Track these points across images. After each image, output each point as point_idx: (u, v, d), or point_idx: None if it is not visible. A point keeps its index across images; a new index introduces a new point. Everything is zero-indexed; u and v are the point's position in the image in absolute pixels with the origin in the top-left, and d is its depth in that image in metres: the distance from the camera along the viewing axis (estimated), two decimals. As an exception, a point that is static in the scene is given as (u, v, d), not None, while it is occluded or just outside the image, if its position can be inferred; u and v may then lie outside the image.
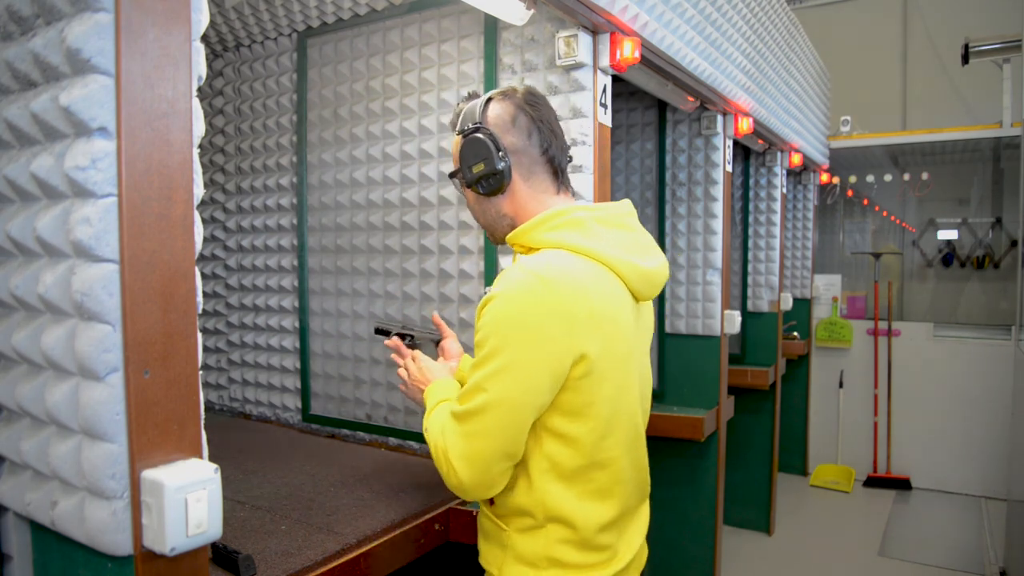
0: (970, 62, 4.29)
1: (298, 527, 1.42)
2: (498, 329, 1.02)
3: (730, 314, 2.80)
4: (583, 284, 1.05)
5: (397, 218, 2.09)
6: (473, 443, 1.04)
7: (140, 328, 0.84)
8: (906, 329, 4.71)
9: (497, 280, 1.07)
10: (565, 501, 1.09)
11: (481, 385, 1.03)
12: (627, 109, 3.01)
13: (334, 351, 2.27)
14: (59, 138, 0.86)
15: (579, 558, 1.10)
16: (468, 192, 1.21)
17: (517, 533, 1.12)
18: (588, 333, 1.04)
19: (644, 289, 1.16)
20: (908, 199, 5.43)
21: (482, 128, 1.15)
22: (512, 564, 1.12)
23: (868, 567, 3.47)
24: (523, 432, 1.05)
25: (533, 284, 1.02)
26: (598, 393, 1.07)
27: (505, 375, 1.01)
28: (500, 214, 1.19)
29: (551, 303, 1.01)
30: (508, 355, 1.01)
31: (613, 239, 1.13)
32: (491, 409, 1.02)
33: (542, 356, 1.01)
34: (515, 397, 1.02)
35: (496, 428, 1.03)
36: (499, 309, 1.03)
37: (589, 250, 1.09)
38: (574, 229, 1.10)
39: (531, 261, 1.06)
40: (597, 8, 1.57)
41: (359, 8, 2.07)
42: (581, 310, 1.03)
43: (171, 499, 0.82)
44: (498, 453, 1.04)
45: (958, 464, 4.49)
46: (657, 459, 2.92)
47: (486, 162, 1.14)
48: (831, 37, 5.27)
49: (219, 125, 2.57)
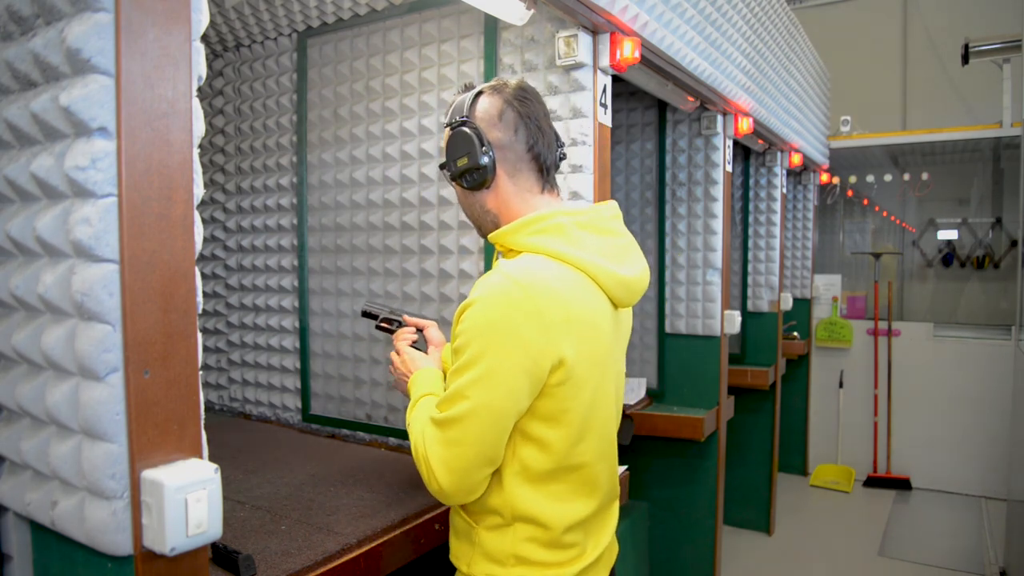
0: (970, 62, 4.29)
1: (298, 527, 1.42)
2: (478, 335, 1.02)
3: (730, 314, 2.80)
4: (560, 290, 1.05)
5: (397, 218, 2.09)
6: (454, 450, 1.04)
7: (140, 328, 0.84)
8: (906, 329, 4.71)
9: (476, 285, 1.07)
10: (534, 503, 1.09)
11: (462, 392, 1.03)
12: (627, 109, 3.01)
13: (334, 351, 2.27)
14: (59, 138, 0.86)
15: (546, 556, 1.11)
16: (455, 185, 1.21)
17: (485, 531, 1.13)
18: (565, 338, 1.04)
19: (623, 296, 1.16)
20: (908, 199, 5.43)
21: (468, 122, 1.15)
22: (480, 561, 1.13)
23: (868, 567, 3.47)
24: (504, 437, 1.05)
25: (510, 289, 1.02)
26: (574, 400, 1.08)
27: (486, 381, 1.01)
28: (484, 209, 1.19)
29: (528, 308, 1.01)
30: (488, 362, 1.01)
31: (594, 245, 1.12)
32: (472, 416, 1.02)
33: (521, 361, 1.01)
34: (495, 404, 1.02)
35: (477, 435, 1.03)
36: (478, 314, 1.03)
37: (568, 256, 1.09)
38: (555, 235, 1.10)
39: (509, 266, 1.06)
40: (597, 8, 1.57)
41: (359, 8, 2.07)
42: (558, 315, 1.03)
43: (171, 499, 0.82)
44: (479, 459, 1.04)
45: (958, 464, 4.49)
46: (657, 459, 2.96)
47: (469, 156, 1.14)
48: (831, 37, 5.27)
49: (219, 125, 2.57)
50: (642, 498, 2.88)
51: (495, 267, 1.09)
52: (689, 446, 2.81)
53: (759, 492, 3.87)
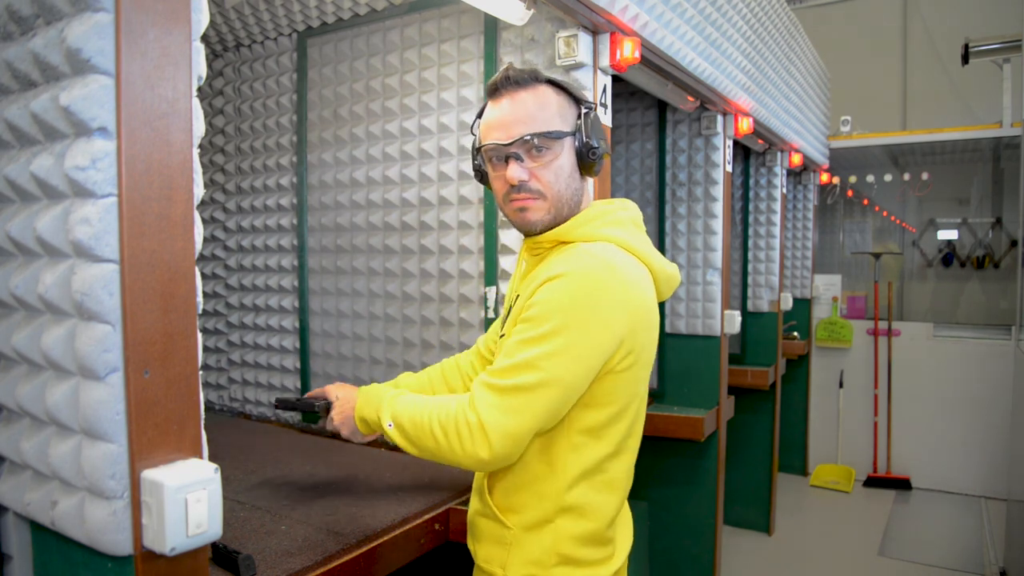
0: (970, 62, 4.29)
1: (298, 527, 1.42)
2: (561, 308, 1.02)
3: (730, 314, 2.80)
4: (639, 278, 1.08)
5: (397, 218, 2.09)
6: (516, 418, 1.02)
7: (140, 328, 0.83)
8: (906, 329, 4.71)
9: (558, 261, 1.07)
10: (583, 493, 1.09)
11: (534, 364, 1.01)
12: (627, 109, 3.01)
13: (334, 351, 2.27)
14: (59, 138, 0.86)
15: (588, 553, 1.11)
16: (566, 158, 1.13)
17: (523, 531, 1.11)
18: (639, 324, 1.07)
19: (666, 291, 1.20)
20: (908, 199, 5.43)
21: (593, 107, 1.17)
22: (517, 563, 1.11)
23: (868, 567, 3.47)
24: (564, 412, 1.06)
25: (600, 270, 1.03)
26: (636, 385, 1.11)
27: (563, 357, 1.01)
28: (576, 198, 1.16)
29: (616, 290, 1.03)
30: (568, 337, 1.01)
31: (645, 241, 1.16)
32: (543, 388, 1.01)
33: (600, 342, 1.02)
34: (569, 380, 1.02)
35: (543, 407, 1.02)
36: (564, 288, 1.02)
37: (636, 249, 1.12)
38: (621, 227, 1.13)
39: (595, 248, 1.07)
40: (597, 8, 1.57)
41: (359, 8, 2.07)
42: (636, 301, 1.06)
43: (171, 499, 0.82)
44: (535, 430, 1.04)
45: (958, 464, 4.49)
46: (657, 459, 2.96)
47: (604, 144, 1.15)
48: (831, 37, 5.27)
49: (219, 125, 2.57)
50: (642, 498, 2.88)
51: (574, 248, 1.08)
52: (689, 446, 2.81)
53: (759, 492, 3.87)
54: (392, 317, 2.12)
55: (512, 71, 1.13)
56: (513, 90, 1.12)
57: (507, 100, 1.12)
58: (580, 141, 1.13)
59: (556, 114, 1.12)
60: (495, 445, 1.02)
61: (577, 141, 1.13)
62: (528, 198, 1.12)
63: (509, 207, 1.15)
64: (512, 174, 1.11)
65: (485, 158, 1.17)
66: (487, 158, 1.16)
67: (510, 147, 1.11)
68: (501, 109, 1.13)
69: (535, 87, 1.12)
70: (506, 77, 1.12)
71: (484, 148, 1.15)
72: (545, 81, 1.14)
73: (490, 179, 1.19)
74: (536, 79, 1.13)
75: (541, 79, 1.13)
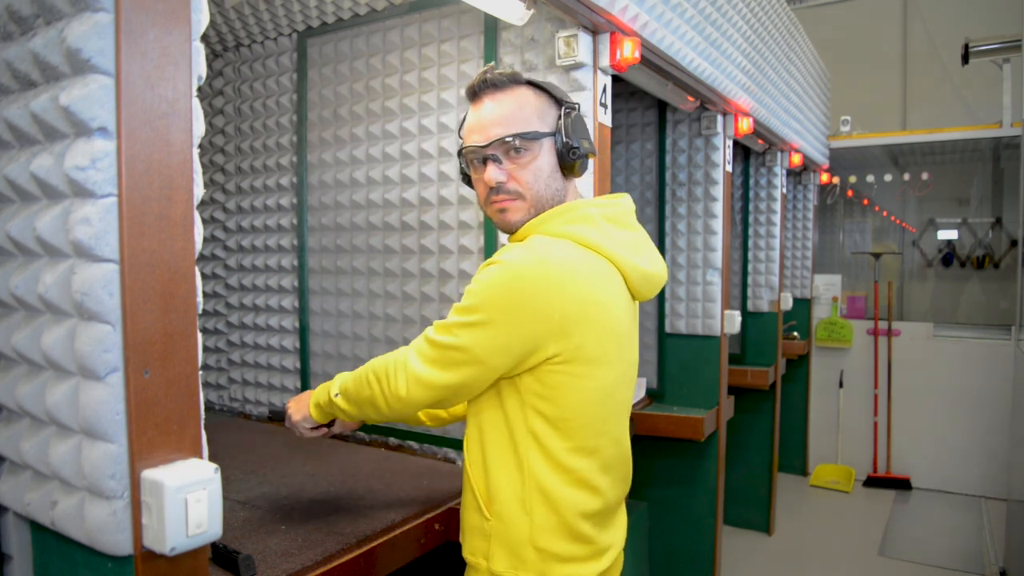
0: (970, 62, 4.29)
1: (298, 527, 1.42)
2: (488, 295, 1.05)
3: (730, 314, 2.80)
4: (583, 273, 1.08)
5: (397, 218, 2.09)
6: (432, 370, 1.09)
7: (140, 328, 0.84)
8: (906, 329, 4.71)
9: (502, 250, 1.10)
10: (547, 480, 1.10)
11: (452, 330, 1.08)
12: (627, 109, 3.01)
13: (334, 351, 2.27)
14: (59, 138, 0.86)
15: (564, 548, 1.11)
16: (545, 159, 1.14)
17: (499, 522, 1.13)
18: (579, 320, 1.06)
19: (643, 289, 1.19)
20: (908, 199, 5.43)
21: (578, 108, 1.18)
22: (499, 554, 1.13)
23: (868, 567, 3.47)
24: (480, 389, 1.11)
25: (532, 264, 1.05)
26: (583, 379, 1.10)
27: (475, 331, 1.05)
28: (558, 197, 1.17)
29: (544, 285, 1.04)
30: (483, 315, 1.05)
31: (620, 238, 1.15)
32: (465, 363, 1.07)
33: (521, 333, 1.04)
34: (486, 360, 1.06)
35: (460, 376, 1.08)
36: (494, 274, 1.06)
37: (598, 245, 1.11)
38: (585, 224, 1.12)
39: (540, 242, 1.08)
40: (597, 8, 1.57)
41: (359, 8, 2.07)
42: (576, 297, 1.06)
43: (171, 499, 0.82)
44: (448, 390, 1.09)
45: (958, 464, 4.49)
46: (657, 459, 2.96)
47: (588, 144, 1.16)
48: (831, 37, 5.27)
49: (219, 125, 2.57)
50: (642, 498, 2.88)
51: (526, 242, 1.10)
52: (689, 446, 2.81)
53: (759, 492, 3.87)
54: (392, 317, 2.12)
55: (490, 74, 1.14)
56: (491, 92, 1.14)
57: (486, 102, 1.15)
58: (560, 141, 1.14)
59: (534, 115, 1.14)
60: (411, 384, 1.10)
61: (557, 141, 1.14)
62: (507, 199, 1.14)
63: (490, 208, 1.18)
64: (490, 176, 1.13)
65: (467, 161, 1.19)
66: (468, 161, 1.18)
67: (487, 149, 1.13)
68: (480, 112, 1.15)
69: (513, 89, 1.14)
70: (484, 80, 1.14)
71: (464, 151, 1.17)
72: (524, 83, 1.16)
73: (472, 181, 1.20)
74: (515, 81, 1.15)
75: (520, 81, 1.15)
